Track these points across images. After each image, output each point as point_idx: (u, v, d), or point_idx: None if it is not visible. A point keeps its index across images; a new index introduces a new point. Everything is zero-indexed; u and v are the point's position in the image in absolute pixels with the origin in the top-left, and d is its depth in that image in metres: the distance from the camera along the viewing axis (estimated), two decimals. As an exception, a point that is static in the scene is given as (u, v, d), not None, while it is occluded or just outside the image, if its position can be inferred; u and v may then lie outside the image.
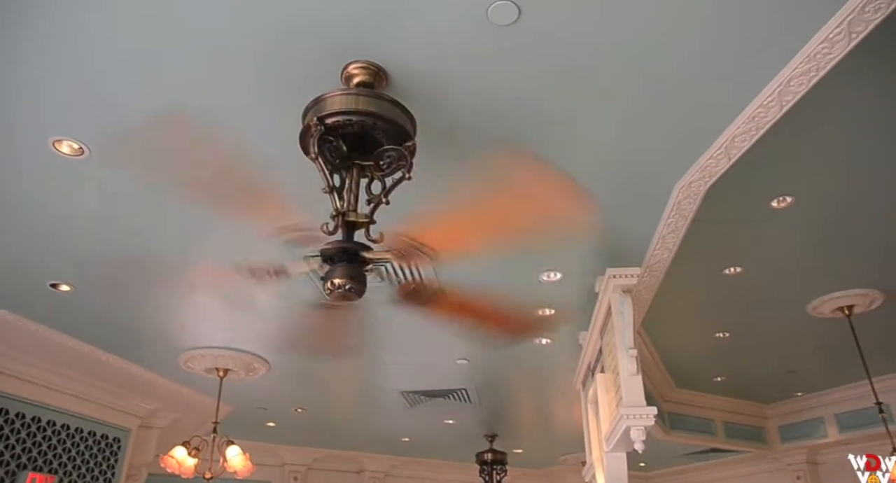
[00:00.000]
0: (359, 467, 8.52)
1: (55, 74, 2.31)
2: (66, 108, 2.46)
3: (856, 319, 4.65)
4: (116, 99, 2.43)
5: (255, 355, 4.87)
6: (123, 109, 2.47)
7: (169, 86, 2.38)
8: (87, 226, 3.22)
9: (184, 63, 2.27)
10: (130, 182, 2.87)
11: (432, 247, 3.11)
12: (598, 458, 4.13)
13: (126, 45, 2.18)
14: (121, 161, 2.71)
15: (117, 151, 2.67)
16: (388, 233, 2.23)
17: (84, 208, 3.08)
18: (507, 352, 4.95)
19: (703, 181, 2.91)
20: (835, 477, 7.20)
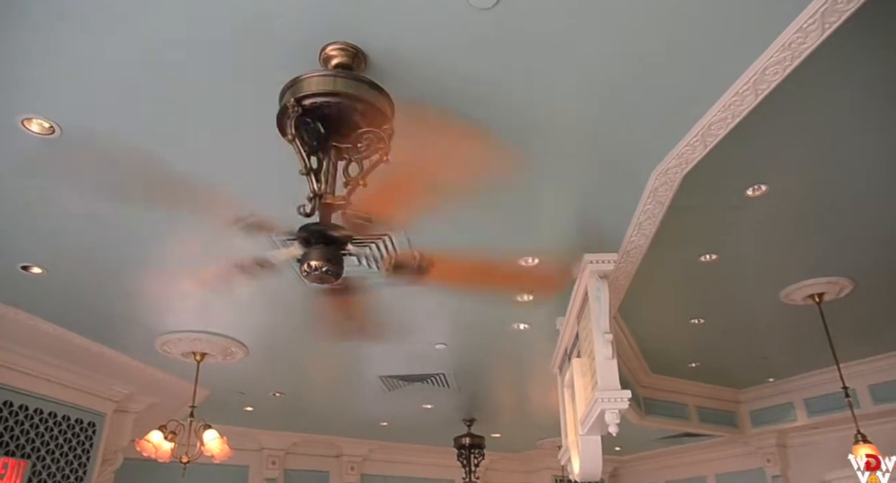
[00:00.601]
0: (337, 452, 8.54)
1: (25, 51, 2.26)
2: (37, 85, 2.41)
3: (826, 307, 4.76)
4: (89, 79, 2.38)
5: (232, 339, 4.84)
6: (96, 90, 2.42)
7: (143, 69, 2.34)
8: (59, 207, 3.16)
9: (159, 42, 2.23)
10: (103, 163, 2.82)
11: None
12: (573, 441, 4.18)
13: (100, 22, 2.14)
14: (92, 142, 2.66)
15: (88, 132, 2.63)
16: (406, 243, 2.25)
17: (56, 189, 3.02)
18: (486, 337, 4.99)
19: (680, 168, 2.95)
20: (802, 460, 7.40)
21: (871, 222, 3.81)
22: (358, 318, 3.88)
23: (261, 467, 7.98)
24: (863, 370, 6.15)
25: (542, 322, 4.59)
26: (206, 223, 3.08)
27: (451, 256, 2.84)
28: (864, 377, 6.18)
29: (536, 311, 4.44)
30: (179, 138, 2.70)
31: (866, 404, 6.17)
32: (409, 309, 4.35)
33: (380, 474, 8.79)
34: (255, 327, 4.74)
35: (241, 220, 2.40)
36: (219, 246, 3.24)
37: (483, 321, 4.66)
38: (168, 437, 4.54)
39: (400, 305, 4.27)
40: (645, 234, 3.44)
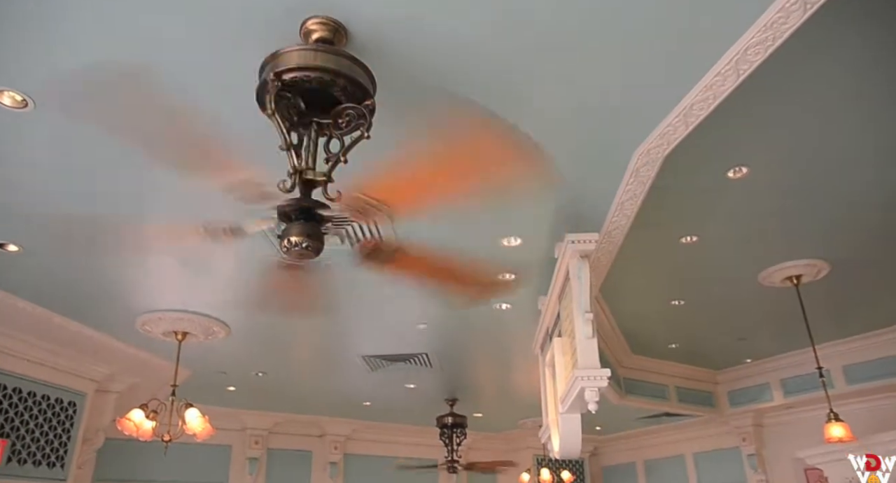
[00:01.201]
0: (320, 431, 8.58)
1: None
2: (8, 57, 2.35)
3: (803, 289, 4.83)
4: (63, 49, 2.33)
5: (214, 318, 4.82)
6: (70, 61, 2.37)
7: (120, 38, 2.29)
8: (34, 182, 3.10)
9: (136, 14, 2.18)
10: (79, 137, 2.77)
11: (387, 202, 3.11)
12: (553, 419, 4.24)
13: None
14: (67, 115, 2.61)
15: (64, 105, 2.57)
16: (344, 190, 2.22)
17: (31, 164, 2.96)
18: (468, 317, 5.01)
19: (662, 148, 2.95)
20: (776, 439, 7.58)
21: (849, 205, 3.86)
22: (338, 294, 3.87)
23: (244, 447, 8.01)
24: (837, 351, 6.28)
25: (524, 302, 4.62)
26: (196, 191, 3.01)
27: (427, 253, 2.83)
28: (838, 358, 6.31)
29: (518, 291, 4.46)
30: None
31: (840, 385, 6.31)
32: (390, 287, 4.34)
33: (363, 454, 8.86)
34: (238, 306, 4.71)
35: (237, 188, 2.34)
36: (198, 211, 3.17)
37: (465, 300, 4.67)
38: (149, 415, 4.52)
39: (381, 284, 4.26)
40: (626, 214, 3.45)
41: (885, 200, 3.80)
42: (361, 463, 8.81)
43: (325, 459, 8.54)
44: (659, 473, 9.16)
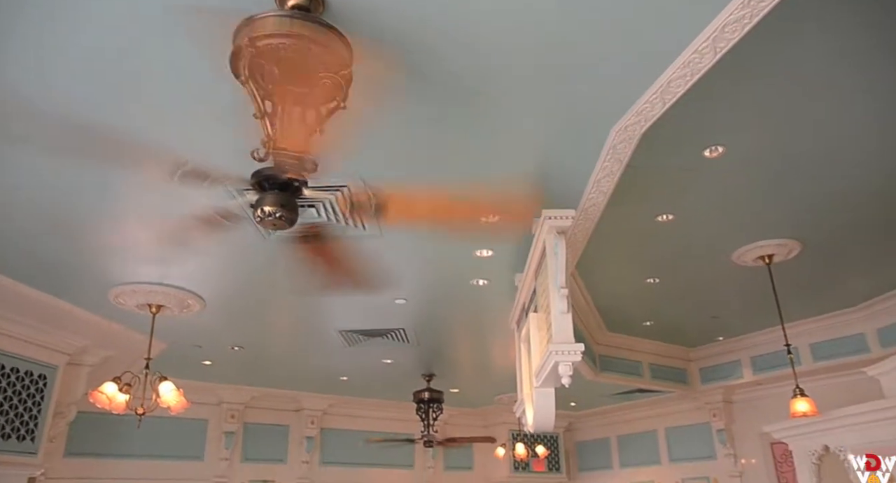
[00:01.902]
0: (297, 406, 8.60)
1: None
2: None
3: (775, 268, 4.92)
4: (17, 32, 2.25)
5: (189, 292, 4.77)
6: (28, 45, 2.30)
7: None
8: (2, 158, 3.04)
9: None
10: (40, 117, 2.71)
11: (387, 210, 3.09)
12: (528, 393, 4.29)
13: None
14: (27, 98, 2.54)
15: (25, 89, 2.50)
16: (357, 179, 2.20)
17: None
18: (446, 292, 5.03)
19: (639, 125, 2.96)
20: (745, 414, 7.78)
21: (821, 186, 3.92)
22: (322, 269, 3.86)
23: (220, 421, 8.00)
24: (806, 329, 6.44)
25: (500, 278, 4.64)
26: (147, 175, 2.98)
27: (408, 193, 2.82)
28: (806, 336, 6.47)
29: (495, 267, 4.48)
30: (118, 87, 2.58)
31: (807, 362, 6.48)
32: (368, 262, 4.33)
33: (340, 428, 8.91)
34: (213, 280, 4.67)
35: (177, 168, 2.33)
36: (173, 198, 3.15)
37: (443, 276, 4.68)
38: (123, 388, 4.49)
39: (359, 259, 4.25)
40: (603, 191, 3.47)
41: (856, 182, 3.87)
42: (338, 437, 8.87)
43: (302, 434, 8.58)
44: (632, 448, 9.36)
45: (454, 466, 9.66)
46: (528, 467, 9.53)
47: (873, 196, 4.05)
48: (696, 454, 8.35)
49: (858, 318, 6.18)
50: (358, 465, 8.88)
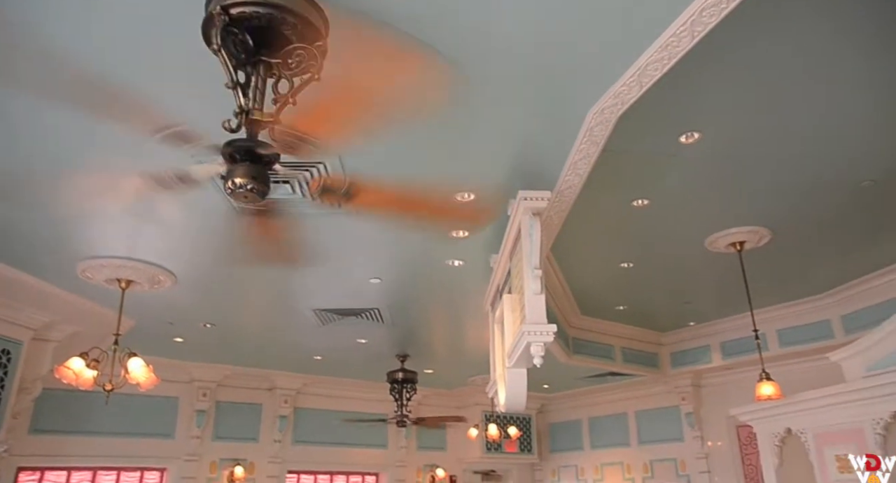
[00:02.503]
0: (270, 385, 8.57)
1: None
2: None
3: (745, 255, 5.00)
4: None
5: (159, 267, 4.69)
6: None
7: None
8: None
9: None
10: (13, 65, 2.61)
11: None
12: (500, 374, 4.32)
13: None
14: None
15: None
16: (333, 158, 2.16)
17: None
18: (421, 273, 5.02)
19: (616, 108, 2.96)
20: (712, 398, 7.94)
21: (792, 175, 3.98)
22: (290, 244, 3.82)
23: (191, 399, 7.95)
24: (773, 316, 6.57)
25: (476, 259, 4.64)
26: (127, 132, 2.89)
27: (383, 185, 2.80)
28: (773, 322, 6.61)
29: (471, 248, 4.47)
30: (99, 39, 2.50)
31: (774, 347, 6.63)
32: (343, 240, 4.30)
33: (313, 408, 8.91)
34: (185, 255, 4.60)
35: (162, 129, 2.27)
36: (140, 158, 3.06)
37: (418, 256, 4.67)
38: (90, 364, 4.41)
39: (334, 236, 4.21)
40: (579, 173, 3.47)
41: (826, 171, 3.93)
42: (311, 417, 8.87)
43: (275, 413, 8.56)
44: (602, 430, 9.52)
45: (427, 446, 9.74)
46: (500, 448, 9.65)
47: (842, 186, 4.12)
48: (664, 436, 8.53)
49: (824, 306, 6.33)
50: (331, 445, 8.91)
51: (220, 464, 8.02)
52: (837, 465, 4.77)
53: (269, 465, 8.38)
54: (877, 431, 4.48)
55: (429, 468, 9.70)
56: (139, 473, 7.60)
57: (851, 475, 4.61)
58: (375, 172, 3.14)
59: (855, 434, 4.65)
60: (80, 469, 7.20)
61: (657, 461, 8.60)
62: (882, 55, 2.93)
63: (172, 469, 7.72)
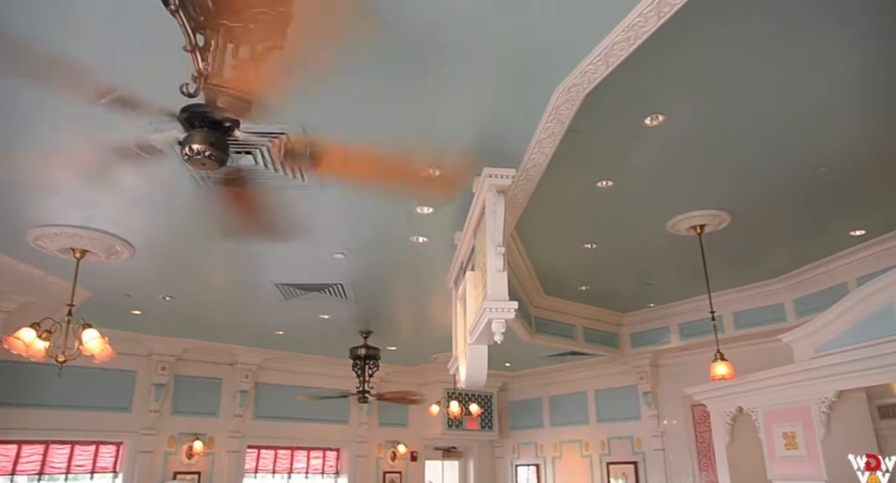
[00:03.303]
0: (231, 359, 8.49)
1: None
2: None
3: (705, 238, 5.09)
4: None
5: (116, 237, 4.57)
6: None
7: None
8: None
9: None
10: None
11: (323, 161, 3.00)
12: (462, 350, 4.35)
13: None
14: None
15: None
16: (295, 125, 2.10)
17: None
18: (385, 248, 4.99)
19: (582, 87, 2.96)
20: (669, 378, 8.15)
21: (753, 160, 4.05)
22: (253, 217, 3.76)
23: (149, 373, 7.84)
24: (730, 299, 6.75)
25: (440, 236, 4.64)
26: (74, 97, 2.78)
27: (349, 150, 2.75)
28: (730, 305, 6.79)
29: (436, 225, 4.46)
30: None
31: (729, 329, 6.81)
32: (307, 213, 4.24)
33: (274, 383, 8.87)
34: (143, 226, 4.48)
35: (106, 93, 2.19)
36: (96, 128, 2.96)
37: (382, 232, 4.64)
38: (42, 335, 4.30)
39: (298, 209, 4.15)
40: (544, 152, 3.47)
41: (785, 157, 4.01)
42: (273, 392, 8.84)
43: (236, 388, 8.51)
44: (562, 408, 9.71)
45: (389, 423, 9.81)
46: (461, 425, 9.79)
47: (800, 173, 4.21)
48: (622, 415, 8.74)
49: (778, 290, 6.52)
50: (292, 420, 8.90)
51: (178, 438, 7.96)
52: (784, 441, 4.96)
53: (229, 439, 8.34)
54: (822, 409, 4.66)
55: (390, 444, 9.79)
56: (94, 447, 7.48)
57: (798, 451, 4.83)
58: (341, 138, 3.07)
59: (802, 412, 4.83)
60: (31, 443, 7.07)
61: (614, 439, 8.82)
62: (845, 44, 2.99)
63: (129, 443, 7.63)
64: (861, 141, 3.85)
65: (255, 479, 8.75)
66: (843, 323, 4.63)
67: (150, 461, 7.62)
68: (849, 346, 4.46)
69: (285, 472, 9.05)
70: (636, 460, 8.44)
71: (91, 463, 7.42)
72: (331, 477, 9.46)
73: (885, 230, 5.26)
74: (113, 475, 7.57)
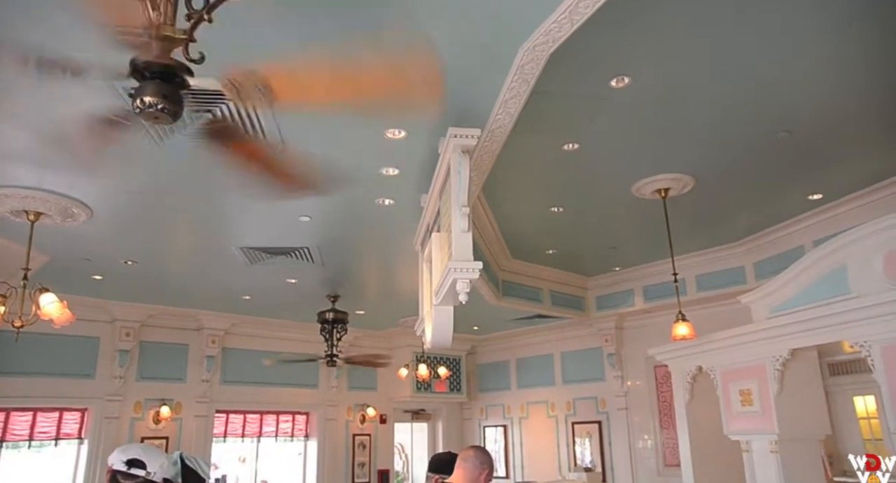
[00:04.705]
0: (197, 325, 8.41)
1: None
2: None
3: (669, 202, 5.16)
4: None
5: (73, 199, 4.43)
6: None
7: None
8: None
9: None
10: None
11: (274, 89, 2.91)
12: (428, 312, 4.37)
13: None
14: None
15: None
16: (231, 64, 2.02)
17: None
18: (351, 211, 4.95)
19: (547, 46, 2.93)
20: (633, 340, 8.35)
21: (716, 124, 4.10)
22: (214, 176, 3.66)
23: (113, 339, 7.72)
24: (692, 262, 6.89)
25: (406, 198, 4.61)
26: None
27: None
28: (692, 268, 6.93)
29: (401, 187, 4.43)
30: None
31: (692, 291, 6.98)
32: (279, 150, 4.07)
33: (242, 348, 8.83)
34: (100, 187, 4.34)
35: (28, 59, 2.07)
36: (46, 93, 2.83)
37: (348, 194, 4.58)
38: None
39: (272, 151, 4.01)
40: (510, 113, 3.45)
41: (747, 121, 4.06)
42: (240, 357, 8.81)
43: (202, 353, 8.45)
44: (529, 370, 9.90)
45: (358, 386, 9.89)
46: (430, 388, 9.91)
47: (760, 137, 4.27)
48: (587, 376, 8.95)
49: (739, 253, 6.68)
50: (261, 385, 8.90)
51: (145, 404, 7.91)
52: (740, 398, 5.14)
53: (196, 404, 8.32)
54: (776, 367, 4.83)
55: (359, 407, 9.89)
56: (58, 414, 7.39)
57: (752, 407, 5.01)
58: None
59: (757, 370, 5.00)
60: (-9, 409, 6.95)
61: (579, 399, 9.04)
62: (806, 10, 3.00)
63: (94, 409, 7.55)
64: (819, 106, 3.91)
65: (223, 443, 8.77)
66: (798, 284, 4.77)
67: (116, 427, 7.57)
68: (803, 306, 4.60)
69: (254, 435, 9.09)
70: (600, 420, 8.68)
71: (55, 430, 7.34)
72: (300, 440, 9.54)
73: (841, 194, 5.40)
74: (78, 441, 7.50)
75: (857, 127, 4.23)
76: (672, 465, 7.36)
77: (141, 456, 2.11)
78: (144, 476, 2.07)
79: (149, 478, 2.08)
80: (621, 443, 8.35)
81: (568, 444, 9.07)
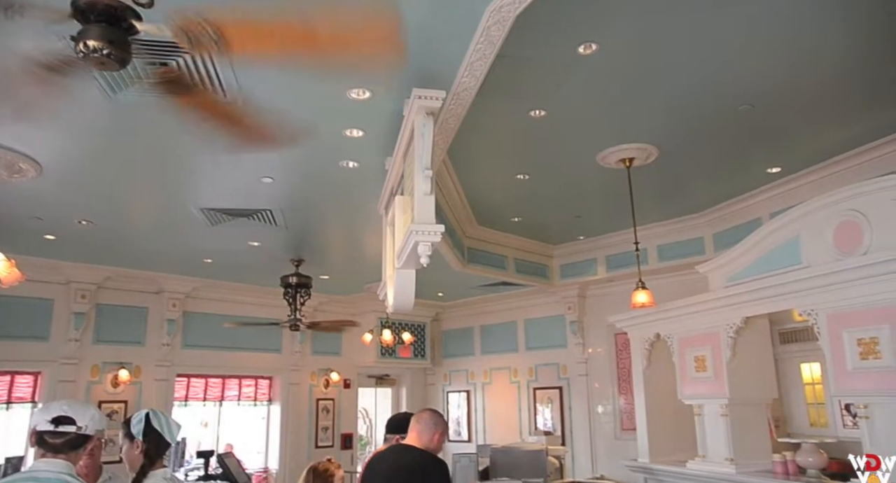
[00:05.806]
0: (157, 288, 8.25)
1: None
2: None
3: (633, 171, 5.19)
4: None
5: (19, 153, 4.23)
6: None
7: None
8: None
9: None
10: None
11: (229, 38, 2.80)
12: (391, 275, 4.35)
13: None
14: None
15: None
16: (184, 9, 1.92)
17: None
18: (315, 174, 4.86)
19: (513, 7, 2.87)
20: (595, 308, 8.49)
21: (681, 95, 4.10)
22: (171, 131, 3.52)
23: (68, 301, 7.52)
24: (654, 232, 7.00)
25: (371, 161, 4.53)
26: None
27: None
28: (654, 238, 7.04)
29: (366, 149, 4.35)
30: None
31: (653, 261, 7.10)
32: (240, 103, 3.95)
33: (203, 312, 8.71)
34: (50, 141, 4.16)
35: None
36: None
37: (311, 156, 4.49)
38: (-61, 257, 4.00)
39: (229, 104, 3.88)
40: (475, 76, 3.39)
41: (711, 93, 4.08)
42: (202, 321, 8.69)
43: (163, 317, 8.31)
44: (493, 337, 10.02)
45: (322, 351, 9.88)
46: (394, 353, 9.97)
47: (723, 109, 4.30)
48: (549, 343, 9.11)
49: (699, 224, 6.79)
50: (223, 349, 8.83)
51: (102, 367, 7.77)
52: (695, 365, 5.29)
53: (156, 368, 8.22)
54: (729, 335, 4.97)
55: (323, 372, 9.90)
56: (9, 378, 7.22)
57: (706, 373, 5.16)
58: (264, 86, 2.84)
59: (712, 337, 5.14)
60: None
61: (541, 366, 9.21)
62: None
63: (48, 372, 7.39)
64: (781, 80, 3.95)
65: (185, 406, 8.71)
66: (753, 255, 4.88)
67: (71, 390, 7.41)
68: (757, 275, 4.72)
69: (217, 399, 9.05)
70: (561, 386, 8.87)
71: (6, 393, 7.18)
72: (263, 405, 9.53)
73: (799, 168, 5.50)
74: (32, 405, 7.36)
75: (814, 103, 4.29)
76: (628, 428, 7.57)
77: (67, 412, 2.00)
78: (76, 431, 1.97)
79: (81, 432, 1.98)
80: (581, 408, 8.55)
81: (529, 409, 9.25)
